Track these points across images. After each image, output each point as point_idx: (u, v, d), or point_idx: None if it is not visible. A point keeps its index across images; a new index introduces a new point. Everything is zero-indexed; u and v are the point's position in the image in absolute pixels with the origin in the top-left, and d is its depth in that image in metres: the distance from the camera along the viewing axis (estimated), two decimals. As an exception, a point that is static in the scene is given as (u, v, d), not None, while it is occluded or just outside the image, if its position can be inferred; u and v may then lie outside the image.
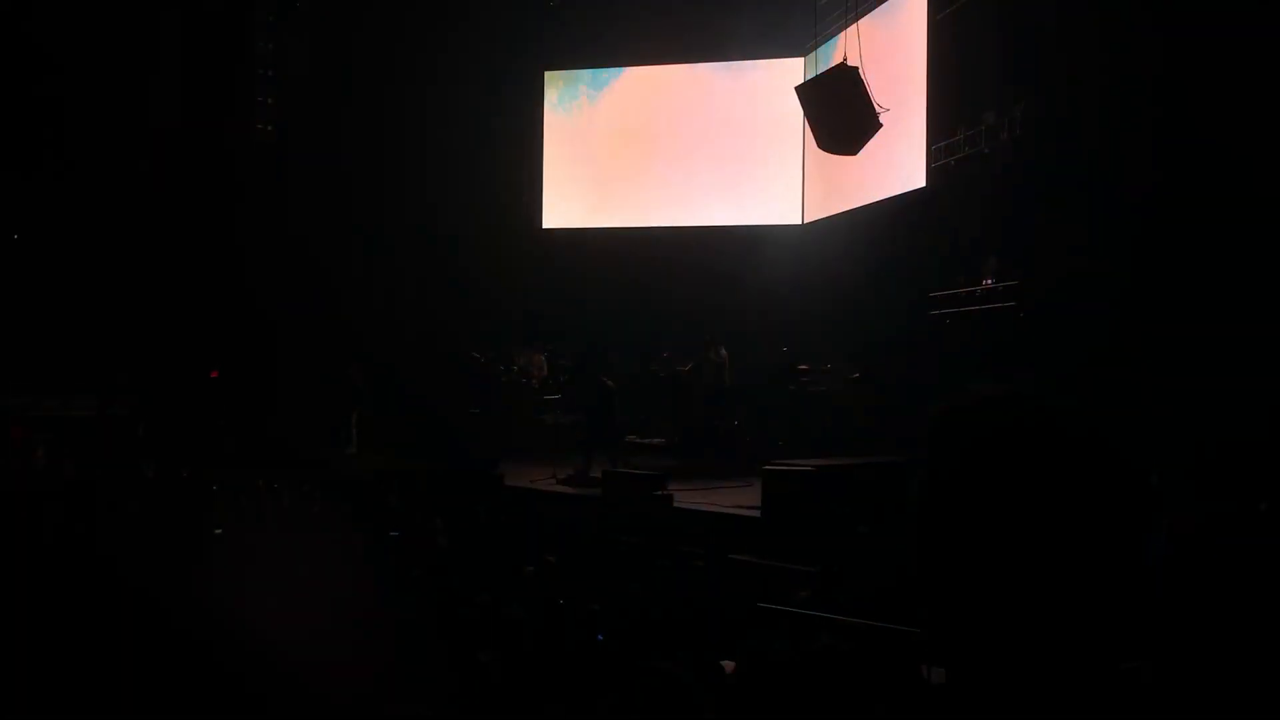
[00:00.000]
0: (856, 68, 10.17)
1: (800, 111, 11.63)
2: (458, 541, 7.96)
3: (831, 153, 12.03)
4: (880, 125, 10.30)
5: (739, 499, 9.98)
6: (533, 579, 6.77)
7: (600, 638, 5.28)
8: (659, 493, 9.71)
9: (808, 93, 11.10)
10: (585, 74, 16.56)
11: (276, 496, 9.34)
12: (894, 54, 12.79)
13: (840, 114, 10.40)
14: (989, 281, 10.24)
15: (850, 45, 11.25)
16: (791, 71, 15.20)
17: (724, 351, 12.78)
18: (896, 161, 12.61)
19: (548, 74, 16.68)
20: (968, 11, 11.36)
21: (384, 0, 14.99)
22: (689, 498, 10.01)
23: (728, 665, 3.98)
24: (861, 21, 13.35)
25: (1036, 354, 9.25)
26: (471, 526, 8.74)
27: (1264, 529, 6.20)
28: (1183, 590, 4.61)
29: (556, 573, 6.95)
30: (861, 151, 11.21)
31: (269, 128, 15.32)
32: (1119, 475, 1.22)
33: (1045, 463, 1.17)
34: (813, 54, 14.85)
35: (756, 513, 9.19)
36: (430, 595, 5.91)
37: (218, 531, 7.97)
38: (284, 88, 15.39)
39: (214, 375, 14.86)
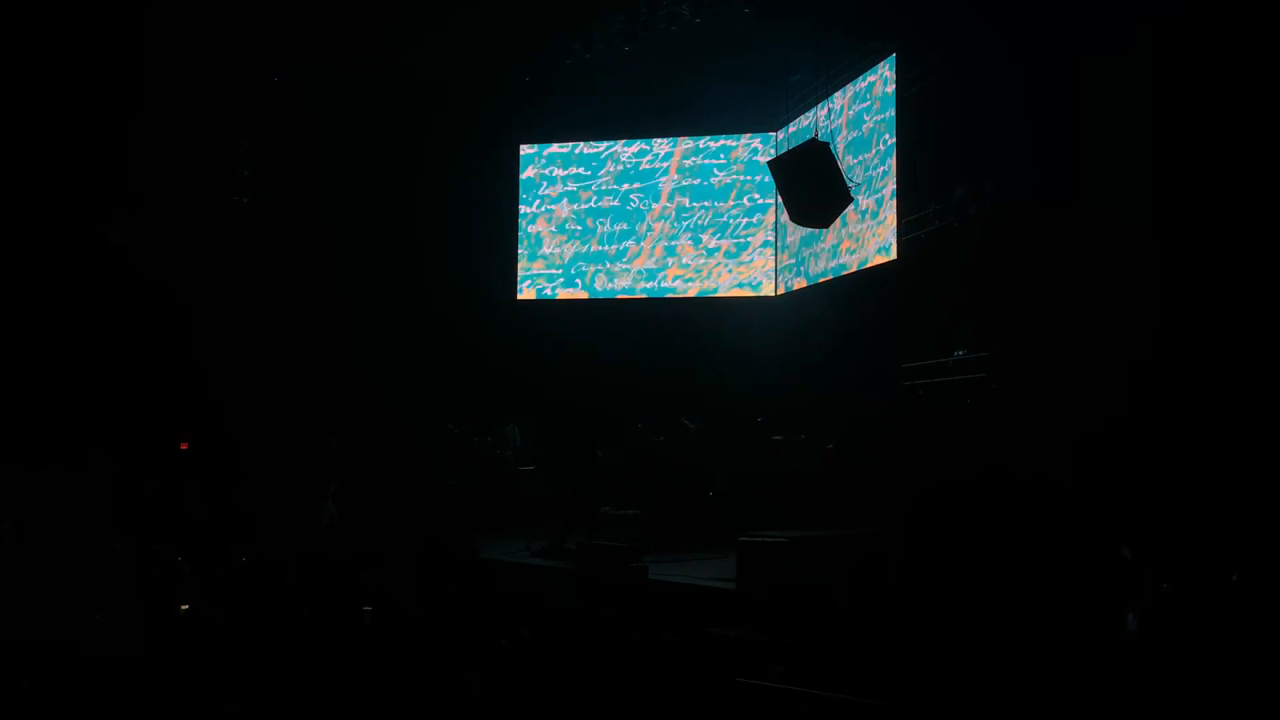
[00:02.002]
0: (827, 143, 10.36)
1: (773, 185, 11.79)
2: (430, 615, 7.85)
3: (804, 225, 12.22)
4: (851, 198, 10.49)
5: (714, 571, 9.91)
6: (506, 654, 6.67)
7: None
8: (634, 565, 9.62)
9: (780, 167, 11.27)
10: (560, 148, 16.76)
11: (246, 571, 9.22)
12: (864, 129, 13.04)
13: (812, 187, 10.56)
14: (961, 353, 10.32)
15: (821, 120, 11.49)
16: (764, 146, 15.48)
17: (692, 423, 12.77)
18: (868, 234, 12.79)
19: (523, 147, 16.89)
20: (935, 88, 11.61)
21: (359, 73, 15.11)
22: (664, 570, 9.93)
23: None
24: (832, 97, 13.67)
25: (1008, 425, 9.30)
26: (444, 600, 8.63)
27: (1236, 600, 6.21)
28: (1159, 661, 4.61)
29: (530, 648, 6.86)
30: (833, 224, 11.39)
31: (244, 200, 15.35)
32: (1093, 550, 1.23)
33: (1021, 541, 1.18)
34: (785, 129, 15.15)
35: (732, 585, 9.12)
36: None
37: (184, 607, 7.84)
38: (261, 161, 15.46)
39: (184, 447, 14.69)
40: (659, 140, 16.23)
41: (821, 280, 14.07)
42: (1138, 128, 8.56)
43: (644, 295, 16.15)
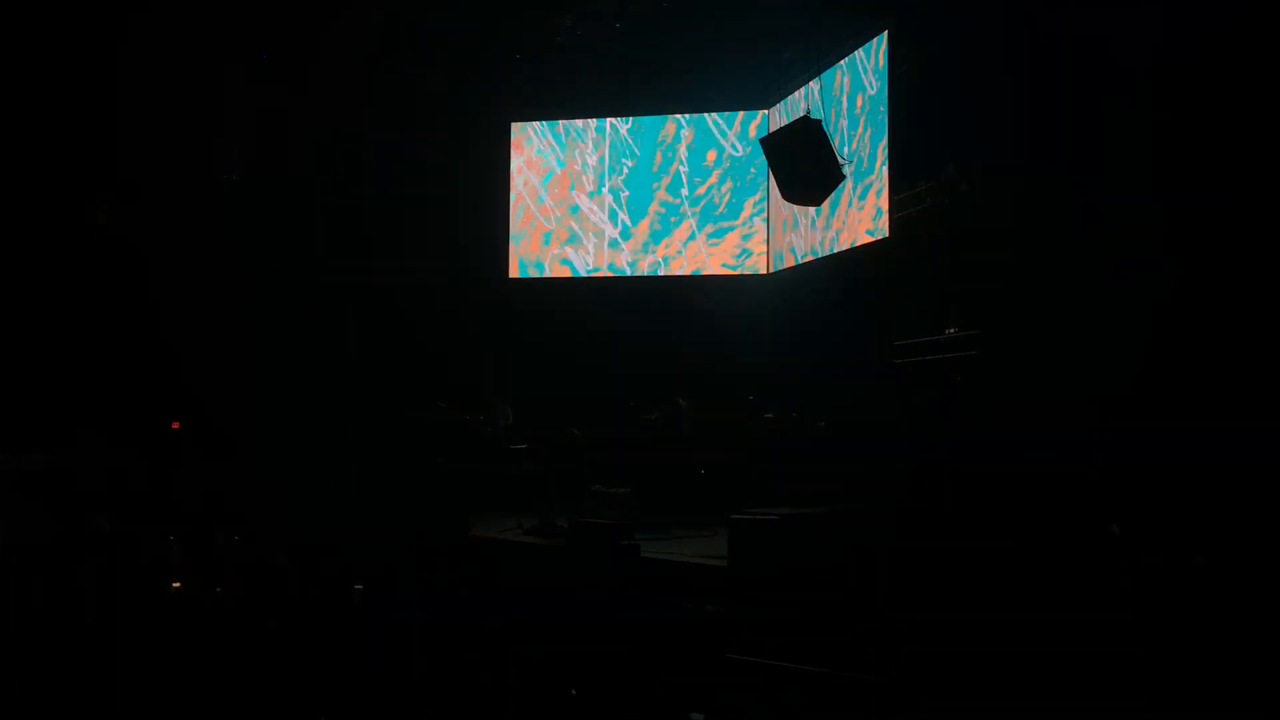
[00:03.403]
0: (820, 120, 10.30)
1: (765, 162, 11.74)
2: (421, 594, 7.86)
3: (795, 203, 12.18)
4: (844, 176, 10.44)
5: (706, 548, 9.93)
6: (497, 633, 6.68)
7: (572, 692, 5.22)
8: (625, 543, 9.64)
9: (772, 144, 11.21)
10: (552, 125, 16.66)
11: (236, 550, 9.22)
12: (857, 106, 12.99)
13: (804, 165, 10.51)
14: (952, 330, 10.31)
15: (813, 97, 11.44)
16: (756, 123, 15.41)
17: (684, 401, 12.79)
18: (859, 211, 12.75)
19: (514, 125, 16.78)
20: (928, 65, 11.56)
21: (350, 51, 14.99)
22: (655, 548, 9.95)
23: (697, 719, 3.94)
24: (824, 74, 13.61)
25: (1000, 402, 9.30)
26: (435, 578, 8.64)
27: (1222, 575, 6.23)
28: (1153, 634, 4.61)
29: (521, 627, 6.87)
30: (825, 202, 11.35)
31: (233, 178, 15.25)
32: (1081, 525, 1.21)
33: (1013, 515, 1.16)
34: (777, 106, 15.08)
35: (723, 562, 9.14)
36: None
37: (175, 585, 7.85)
38: (248, 138, 15.36)
39: (175, 426, 14.66)
40: (650, 117, 16.15)
41: (813, 258, 14.04)
42: (1133, 105, 8.53)
43: (635, 274, 16.10)
